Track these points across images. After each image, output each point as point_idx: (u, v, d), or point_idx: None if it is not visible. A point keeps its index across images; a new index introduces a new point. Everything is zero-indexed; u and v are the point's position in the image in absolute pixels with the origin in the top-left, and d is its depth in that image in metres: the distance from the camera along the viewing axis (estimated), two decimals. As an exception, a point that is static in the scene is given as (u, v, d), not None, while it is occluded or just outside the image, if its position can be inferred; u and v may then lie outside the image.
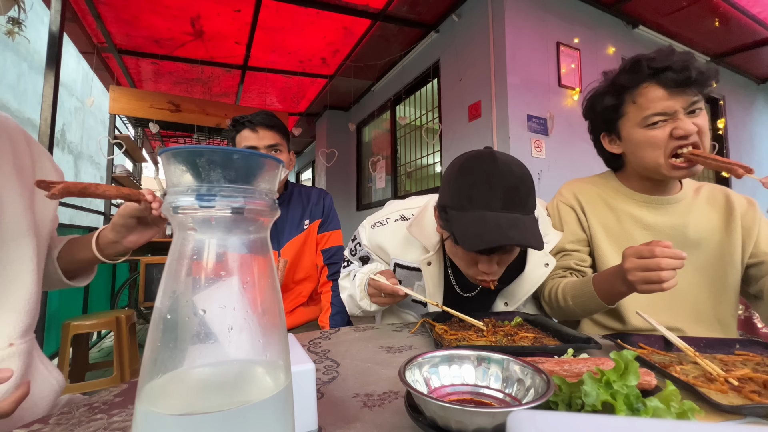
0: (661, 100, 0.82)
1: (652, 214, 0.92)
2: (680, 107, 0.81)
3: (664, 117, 0.83)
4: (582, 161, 2.94)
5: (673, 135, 0.82)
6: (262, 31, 3.36)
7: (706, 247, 0.90)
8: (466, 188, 0.73)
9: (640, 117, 0.85)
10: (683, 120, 0.81)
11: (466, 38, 3.12)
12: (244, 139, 1.23)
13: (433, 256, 0.89)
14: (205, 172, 0.22)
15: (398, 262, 0.97)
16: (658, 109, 0.82)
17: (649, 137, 0.85)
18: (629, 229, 0.92)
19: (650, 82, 0.83)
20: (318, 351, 0.69)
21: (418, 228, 0.91)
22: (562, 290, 0.88)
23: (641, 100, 0.84)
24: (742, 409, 0.41)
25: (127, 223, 0.71)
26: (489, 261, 0.76)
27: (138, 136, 4.96)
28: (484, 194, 0.71)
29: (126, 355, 2.11)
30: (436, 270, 0.90)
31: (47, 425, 0.42)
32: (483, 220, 0.68)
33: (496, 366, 0.44)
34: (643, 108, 0.84)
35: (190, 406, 0.21)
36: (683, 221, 0.90)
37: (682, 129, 0.81)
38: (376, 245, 1.01)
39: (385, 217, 1.01)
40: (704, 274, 0.89)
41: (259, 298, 0.24)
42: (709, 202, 0.93)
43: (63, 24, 2.12)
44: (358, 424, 0.41)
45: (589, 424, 0.22)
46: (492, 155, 0.73)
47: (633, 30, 3.41)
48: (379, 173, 4.68)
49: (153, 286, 2.83)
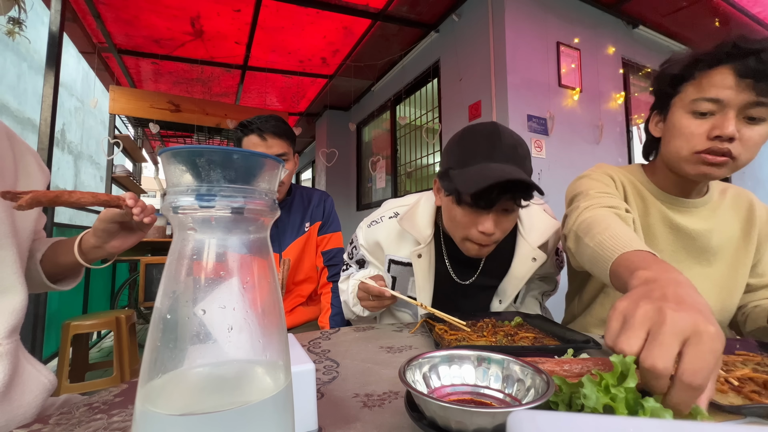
0: (723, 86, 0.70)
1: (680, 215, 0.86)
2: (737, 102, 0.70)
3: (712, 105, 0.72)
4: (582, 161, 2.94)
5: (709, 135, 0.73)
6: (262, 31, 3.36)
7: (723, 255, 0.86)
8: (470, 147, 0.78)
9: (691, 98, 0.75)
10: (729, 118, 0.70)
11: (466, 38, 3.12)
12: (251, 145, 1.20)
13: (424, 248, 0.90)
14: (205, 172, 0.22)
15: (392, 258, 0.98)
16: (711, 94, 0.71)
17: (685, 125, 0.76)
18: (654, 224, 0.87)
19: (726, 64, 0.71)
20: (318, 351, 0.69)
21: (410, 221, 0.92)
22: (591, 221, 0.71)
23: (704, 80, 0.73)
24: (742, 409, 0.41)
25: (108, 228, 0.69)
26: (488, 220, 0.77)
27: (138, 136, 4.96)
28: (486, 149, 0.76)
29: (126, 355, 2.11)
30: (426, 263, 0.91)
31: (47, 425, 0.42)
32: (486, 168, 0.73)
33: (496, 366, 0.44)
34: (700, 89, 0.73)
35: (190, 406, 0.21)
36: (709, 227, 0.85)
37: (718, 127, 0.71)
38: (373, 243, 1.01)
39: (380, 215, 1.02)
40: (715, 281, 0.86)
41: (259, 298, 0.24)
42: (732, 208, 0.88)
43: (63, 24, 2.12)
44: (358, 424, 0.41)
45: (589, 424, 0.22)
46: (493, 123, 0.80)
47: (633, 30, 3.41)
48: (379, 173, 4.68)
49: (153, 286, 2.83)
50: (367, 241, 1.03)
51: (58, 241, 0.75)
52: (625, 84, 3.34)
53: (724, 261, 0.86)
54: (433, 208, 0.94)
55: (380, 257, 1.02)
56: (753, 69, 0.67)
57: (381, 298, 0.86)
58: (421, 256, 0.90)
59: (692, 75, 0.76)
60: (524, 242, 0.91)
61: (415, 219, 0.92)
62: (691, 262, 0.87)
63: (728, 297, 0.86)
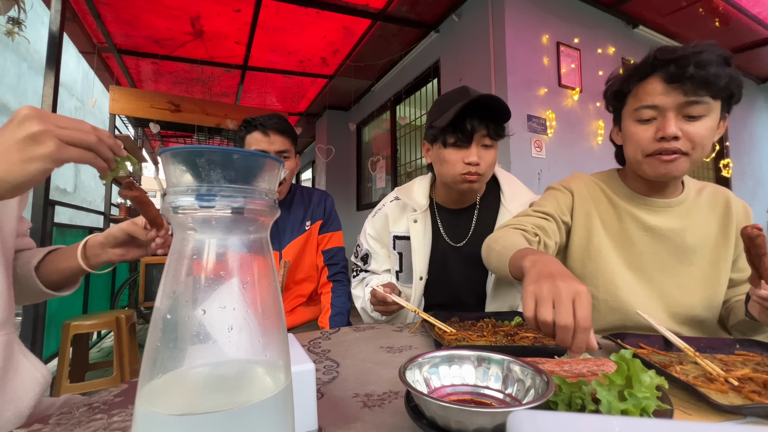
0: (655, 93, 0.79)
1: (653, 216, 0.90)
2: (672, 105, 0.77)
3: (652, 112, 0.79)
4: (582, 161, 2.94)
5: (655, 137, 0.79)
6: (262, 31, 3.36)
7: (702, 252, 0.88)
8: (445, 101, 0.98)
9: (633, 108, 0.83)
10: (669, 120, 0.77)
11: (466, 38, 3.12)
12: (254, 141, 1.23)
13: (420, 215, 1.06)
14: (205, 172, 0.22)
15: (395, 233, 1.11)
16: (647, 102, 0.79)
17: (633, 132, 0.83)
18: (629, 228, 0.91)
19: (655, 74, 0.79)
20: (318, 351, 0.69)
21: (406, 192, 1.10)
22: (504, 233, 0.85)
23: (640, 91, 0.82)
24: (742, 409, 0.41)
25: (120, 237, 0.72)
26: (472, 153, 0.94)
27: (138, 136, 4.96)
28: (457, 96, 0.95)
29: (126, 355, 2.11)
30: (422, 228, 1.06)
31: (47, 425, 0.43)
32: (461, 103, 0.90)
33: (496, 366, 0.44)
34: (638, 99, 0.82)
35: (190, 406, 0.21)
36: (683, 225, 0.88)
37: (661, 129, 0.78)
38: (380, 227, 1.14)
39: (382, 203, 1.17)
40: (698, 279, 0.88)
41: (259, 298, 0.24)
42: (709, 206, 0.91)
43: (63, 24, 2.12)
44: (358, 424, 0.41)
45: (589, 424, 0.22)
46: (463, 85, 1.00)
47: (633, 30, 3.41)
48: (379, 173, 4.68)
49: (153, 286, 2.83)
50: (374, 228, 1.15)
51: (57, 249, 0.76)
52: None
53: (704, 258, 0.88)
54: (427, 184, 1.11)
55: (386, 240, 1.14)
56: (676, 74, 0.75)
57: (386, 303, 0.93)
58: (417, 221, 1.06)
59: (629, 89, 0.85)
60: (505, 210, 1.06)
61: (412, 191, 1.10)
62: (673, 262, 0.89)
63: (713, 293, 0.88)
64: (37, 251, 0.74)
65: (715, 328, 0.89)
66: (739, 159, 4.42)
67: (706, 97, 0.75)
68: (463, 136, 0.93)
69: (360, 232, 1.24)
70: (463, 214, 1.08)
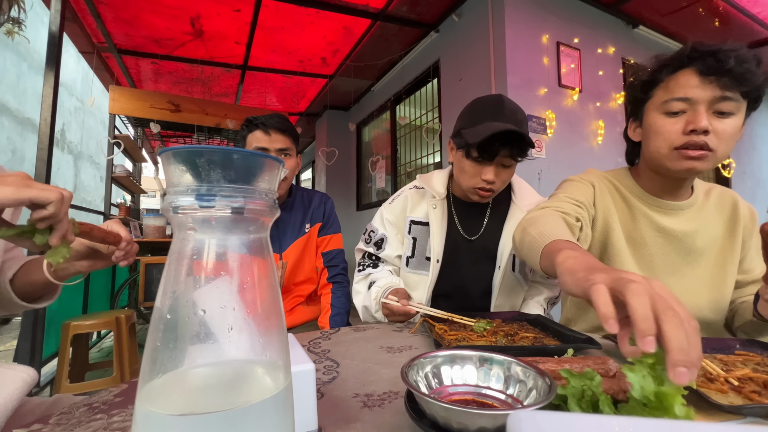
0: (689, 86, 0.76)
1: (665, 217, 0.89)
2: (705, 98, 0.75)
3: (682, 104, 0.77)
4: (582, 161, 2.93)
5: (684, 130, 0.77)
6: (262, 31, 3.36)
7: (710, 255, 0.88)
8: (478, 111, 0.99)
9: (662, 100, 0.80)
10: (700, 113, 0.75)
11: (466, 38, 3.12)
12: (255, 139, 1.24)
13: (438, 202, 1.10)
14: (205, 172, 0.22)
15: (412, 219, 1.15)
16: (679, 94, 0.77)
17: (660, 125, 0.81)
18: (642, 228, 0.90)
19: (689, 67, 0.77)
20: (318, 351, 0.69)
21: (427, 181, 1.14)
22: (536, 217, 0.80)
23: (671, 83, 0.79)
24: (742, 409, 0.41)
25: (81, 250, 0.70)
26: (490, 171, 0.96)
27: (138, 136, 4.96)
28: (491, 112, 0.95)
29: (126, 355, 2.11)
30: (440, 214, 1.10)
31: (47, 425, 0.42)
32: (490, 125, 0.92)
33: (498, 367, 0.44)
34: (669, 91, 0.79)
35: (190, 406, 0.21)
36: (694, 227, 0.87)
37: (691, 122, 0.76)
38: (399, 211, 1.18)
39: (400, 191, 1.21)
40: (704, 281, 0.87)
41: (259, 298, 0.24)
42: (717, 208, 0.91)
43: (63, 24, 2.12)
44: (358, 424, 0.41)
45: (589, 424, 0.22)
46: (498, 94, 1.00)
47: (633, 30, 3.41)
48: (379, 173, 4.68)
49: (153, 286, 2.82)
50: (393, 213, 1.19)
51: (29, 261, 0.74)
52: (625, 84, 3.33)
53: (711, 260, 0.88)
54: (446, 176, 1.15)
55: (402, 225, 1.17)
56: (713, 67, 0.74)
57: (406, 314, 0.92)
58: (435, 208, 1.10)
59: (660, 79, 0.82)
60: (516, 207, 1.09)
61: (432, 180, 1.14)
62: (681, 264, 0.88)
63: (720, 295, 0.88)
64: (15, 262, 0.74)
65: (720, 330, 0.89)
66: (739, 159, 4.42)
67: (739, 95, 0.74)
68: (486, 155, 0.95)
69: (362, 230, 1.24)
70: (476, 207, 1.13)
